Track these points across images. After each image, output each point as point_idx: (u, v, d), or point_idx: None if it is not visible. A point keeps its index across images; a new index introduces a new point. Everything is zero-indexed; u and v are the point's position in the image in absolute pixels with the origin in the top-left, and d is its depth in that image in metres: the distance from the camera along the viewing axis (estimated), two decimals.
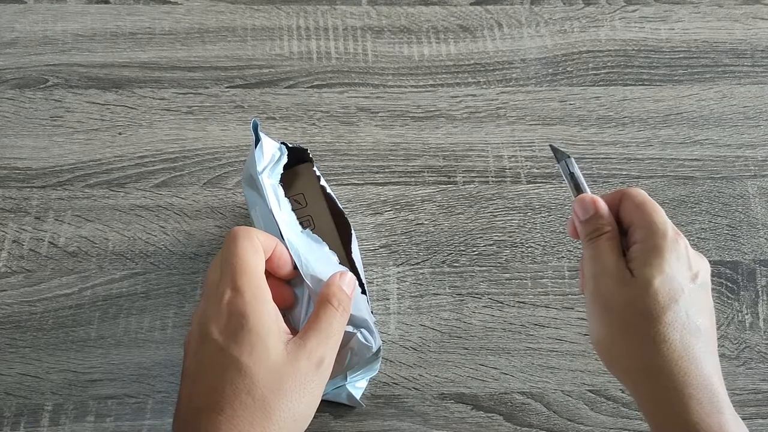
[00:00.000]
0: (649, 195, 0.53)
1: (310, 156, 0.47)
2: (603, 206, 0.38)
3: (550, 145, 0.45)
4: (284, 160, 0.43)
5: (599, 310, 0.36)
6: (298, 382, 0.33)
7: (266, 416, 0.32)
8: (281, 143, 0.44)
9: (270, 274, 0.37)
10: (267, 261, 0.36)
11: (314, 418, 0.45)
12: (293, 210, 0.42)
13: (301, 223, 0.43)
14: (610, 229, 0.37)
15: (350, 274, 0.38)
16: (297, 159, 0.47)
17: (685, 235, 0.51)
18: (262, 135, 0.42)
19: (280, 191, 0.41)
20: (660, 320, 0.34)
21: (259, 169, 0.41)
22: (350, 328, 0.38)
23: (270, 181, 0.41)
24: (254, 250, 0.35)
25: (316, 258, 0.39)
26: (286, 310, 0.39)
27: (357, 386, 0.45)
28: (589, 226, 0.38)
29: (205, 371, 0.33)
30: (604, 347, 0.36)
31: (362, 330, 0.39)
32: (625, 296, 0.35)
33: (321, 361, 0.34)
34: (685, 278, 0.35)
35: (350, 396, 0.44)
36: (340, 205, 0.46)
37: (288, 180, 0.46)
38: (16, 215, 0.51)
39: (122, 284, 0.49)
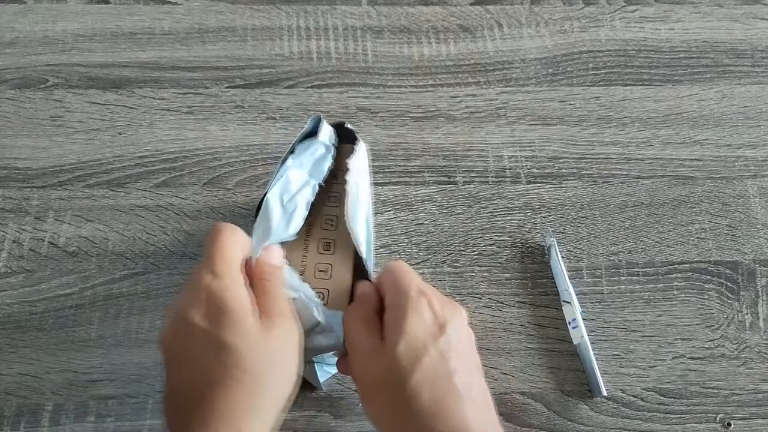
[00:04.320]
0: (649, 195, 0.53)
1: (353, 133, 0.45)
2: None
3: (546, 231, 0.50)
4: (329, 161, 0.43)
5: (362, 388, 0.37)
6: (279, 349, 0.35)
7: (259, 385, 0.33)
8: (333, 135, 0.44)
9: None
10: (248, 267, 0.37)
11: (314, 418, 0.45)
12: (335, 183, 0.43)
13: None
14: (355, 304, 0.38)
15: (275, 247, 0.39)
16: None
17: (685, 236, 0.52)
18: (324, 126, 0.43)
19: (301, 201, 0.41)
20: (407, 384, 0.34)
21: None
22: (292, 294, 0.39)
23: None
24: (236, 243, 0.36)
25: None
26: None
27: (326, 368, 0.44)
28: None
29: (193, 356, 0.34)
30: (376, 422, 0.36)
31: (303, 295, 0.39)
32: (378, 367, 0.35)
33: (282, 316, 0.35)
34: (428, 334, 0.35)
35: (313, 374, 0.43)
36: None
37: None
38: (16, 215, 0.51)
39: (122, 284, 0.49)
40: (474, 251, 0.51)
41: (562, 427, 0.46)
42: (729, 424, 0.46)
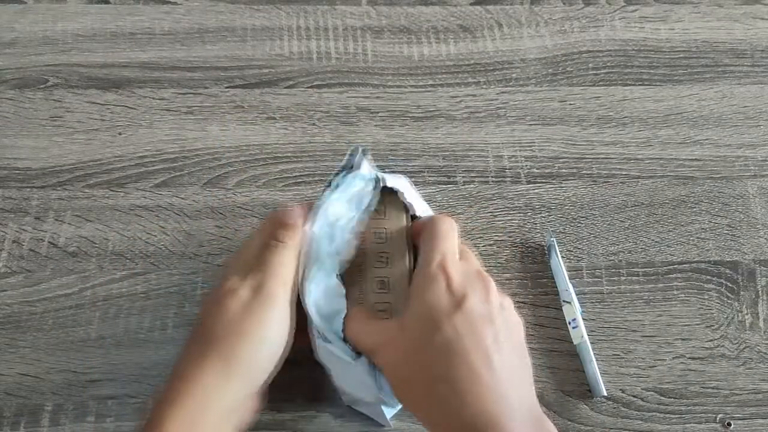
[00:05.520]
0: (649, 195, 0.53)
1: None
2: None
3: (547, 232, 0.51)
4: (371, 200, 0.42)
5: (385, 370, 0.36)
6: (238, 308, 0.36)
7: (206, 340, 0.35)
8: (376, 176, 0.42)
9: None
10: None
11: (314, 418, 0.45)
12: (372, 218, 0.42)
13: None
14: None
15: (297, 208, 0.40)
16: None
17: (685, 236, 0.52)
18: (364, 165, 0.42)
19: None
20: (421, 362, 0.33)
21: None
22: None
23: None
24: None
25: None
26: None
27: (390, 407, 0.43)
28: None
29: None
30: (403, 401, 0.36)
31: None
32: (392, 346, 0.35)
33: (259, 287, 0.36)
34: (445, 311, 0.34)
35: (378, 411, 0.42)
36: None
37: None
38: (16, 215, 0.51)
39: (122, 284, 0.49)
40: (474, 251, 0.51)
41: (562, 427, 0.46)
42: (729, 424, 0.46)
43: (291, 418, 0.45)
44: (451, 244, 0.37)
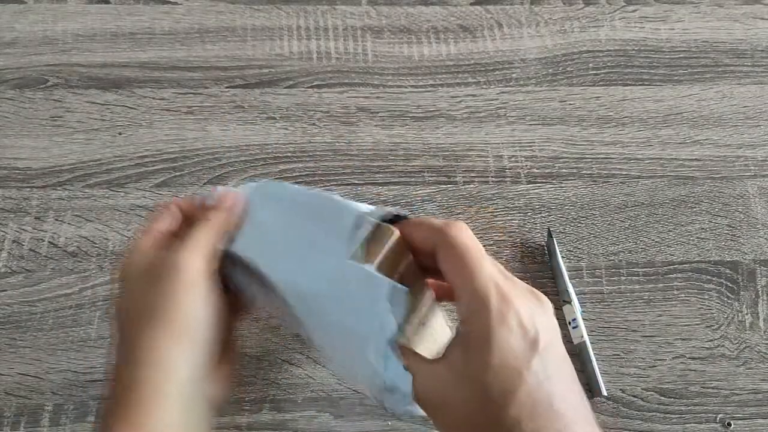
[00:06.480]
0: (649, 195, 0.53)
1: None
2: None
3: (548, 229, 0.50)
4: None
5: (436, 421, 0.31)
6: (152, 291, 0.34)
7: (129, 339, 0.33)
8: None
9: None
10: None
11: (314, 418, 0.45)
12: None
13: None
14: None
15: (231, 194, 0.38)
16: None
17: (685, 236, 0.52)
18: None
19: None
20: (500, 421, 0.28)
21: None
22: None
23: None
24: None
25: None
26: None
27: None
28: None
29: None
30: None
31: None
32: (455, 397, 0.29)
33: (174, 264, 0.33)
34: (521, 357, 0.29)
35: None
36: None
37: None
38: (16, 215, 0.51)
39: None
40: None
41: None
42: (729, 424, 0.46)
43: (291, 418, 0.45)
44: (489, 260, 0.30)
